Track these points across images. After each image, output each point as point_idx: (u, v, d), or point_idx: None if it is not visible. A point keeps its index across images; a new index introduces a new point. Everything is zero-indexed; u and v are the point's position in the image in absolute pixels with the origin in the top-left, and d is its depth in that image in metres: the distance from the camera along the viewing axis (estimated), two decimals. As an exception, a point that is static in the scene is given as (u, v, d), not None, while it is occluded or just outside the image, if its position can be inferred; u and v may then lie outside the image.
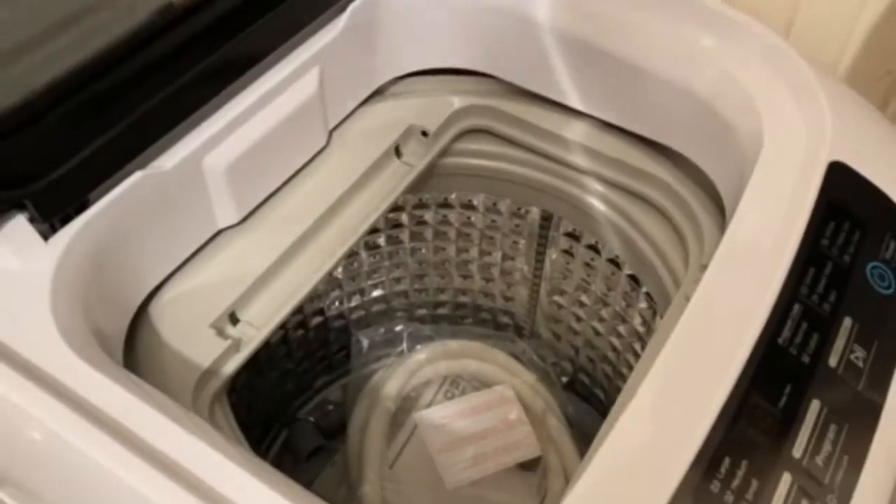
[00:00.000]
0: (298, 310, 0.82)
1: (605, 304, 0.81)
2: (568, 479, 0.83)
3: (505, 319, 0.95)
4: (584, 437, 0.88)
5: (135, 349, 0.54)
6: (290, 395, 0.94)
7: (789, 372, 0.44)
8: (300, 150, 0.63)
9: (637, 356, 0.80)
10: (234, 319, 0.57)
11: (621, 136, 0.67)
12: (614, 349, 0.84)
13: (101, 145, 0.47)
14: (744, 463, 0.40)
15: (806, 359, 0.45)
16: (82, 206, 0.48)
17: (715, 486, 0.39)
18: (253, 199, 0.60)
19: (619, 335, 0.82)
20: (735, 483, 0.39)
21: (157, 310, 0.56)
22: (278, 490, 0.39)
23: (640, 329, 0.76)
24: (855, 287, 0.48)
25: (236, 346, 0.56)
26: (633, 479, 0.40)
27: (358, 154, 0.66)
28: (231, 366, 0.55)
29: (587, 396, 0.94)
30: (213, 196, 0.56)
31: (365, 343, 0.95)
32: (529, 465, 0.84)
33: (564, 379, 0.92)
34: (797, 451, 0.41)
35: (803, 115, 0.56)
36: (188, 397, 0.52)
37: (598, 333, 0.85)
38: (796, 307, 0.46)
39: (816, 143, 0.54)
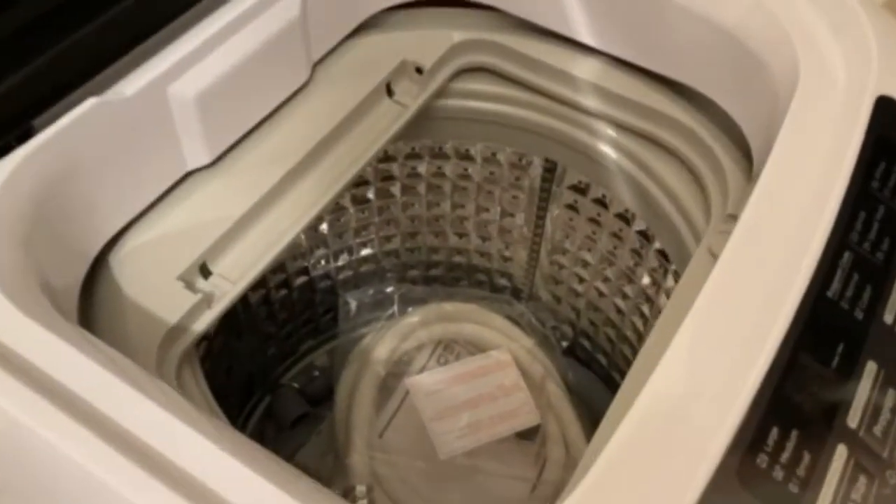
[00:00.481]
0: (281, 268, 0.77)
1: (611, 264, 0.75)
2: (568, 448, 0.78)
3: (502, 281, 0.89)
4: (585, 403, 0.83)
5: (91, 305, 0.48)
6: (272, 359, 0.88)
7: (841, 329, 0.38)
8: (279, 84, 0.56)
9: (644, 318, 0.74)
10: (205, 272, 0.51)
11: (636, 75, 0.61)
12: (619, 311, 0.78)
13: (47, 61, 0.40)
14: (794, 433, 0.35)
15: (859, 314, 0.39)
16: (25, 134, 0.41)
17: (762, 461, 0.33)
18: (226, 138, 0.54)
19: (624, 296, 0.76)
20: (784, 457, 0.34)
21: (117, 260, 0.49)
22: (255, 466, 0.33)
23: (650, 290, 0.71)
24: (912, 234, 0.43)
25: (207, 301, 0.49)
26: (666, 455, 0.34)
27: (344, 91, 0.59)
28: (202, 323, 0.49)
29: (588, 361, 0.88)
30: (181, 131, 0.50)
31: (353, 305, 0.88)
32: (527, 434, 0.79)
33: (564, 343, 0.86)
34: (852, 421, 0.36)
35: (845, 47, 0.50)
36: (152, 358, 0.46)
37: (601, 295, 0.80)
38: (846, 255, 0.40)
39: (861, 77, 0.48)
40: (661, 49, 0.58)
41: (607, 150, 0.63)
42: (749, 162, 0.55)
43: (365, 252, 0.84)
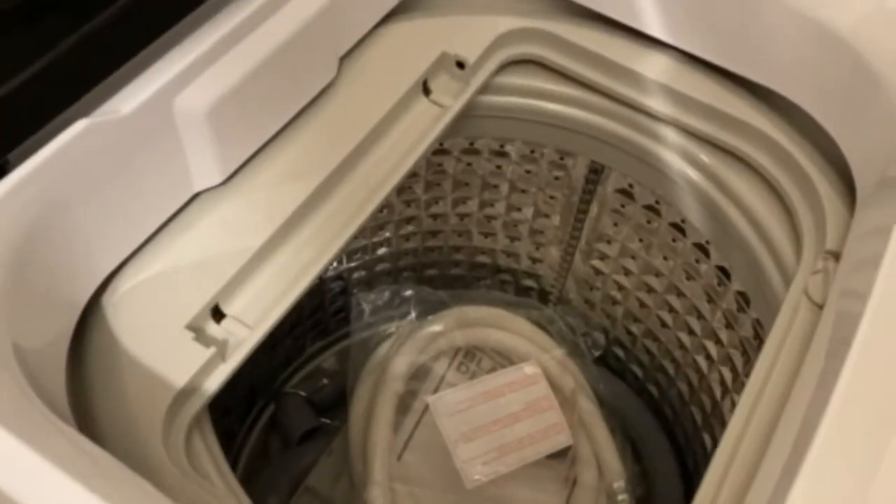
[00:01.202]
0: None
1: (658, 275, 0.68)
2: (601, 470, 0.71)
3: (529, 283, 0.82)
4: (615, 415, 0.76)
5: (85, 358, 0.40)
6: (277, 364, 0.81)
7: None
8: (301, 85, 0.47)
9: (692, 333, 0.68)
10: (217, 315, 0.43)
11: (714, 76, 0.52)
12: (664, 324, 0.71)
13: (20, 84, 0.31)
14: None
15: None
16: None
17: None
18: (240, 153, 0.45)
19: (671, 309, 0.69)
20: None
21: (112, 304, 0.41)
22: None
23: (705, 306, 0.64)
24: None
25: (221, 353, 0.42)
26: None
27: (375, 91, 0.51)
28: (215, 381, 0.41)
29: (621, 372, 0.82)
30: (189, 149, 0.41)
31: (366, 307, 0.81)
32: (556, 453, 0.73)
33: (596, 353, 0.79)
34: None
35: None
36: (158, 428, 0.38)
37: (643, 305, 0.73)
38: None
39: None
40: (749, 49, 0.50)
41: (674, 159, 0.55)
42: (847, 189, 0.48)
43: (381, 251, 0.76)
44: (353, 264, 0.75)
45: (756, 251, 0.52)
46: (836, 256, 0.45)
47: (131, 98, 0.37)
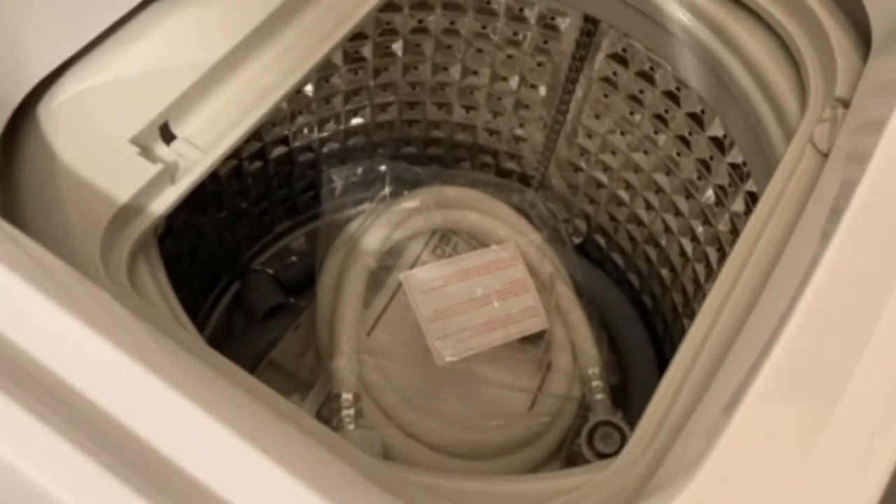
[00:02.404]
0: (256, 135, 0.64)
1: (647, 152, 0.65)
2: (575, 356, 0.69)
3: (510, 165, 0.78)
4: (594, 305, 0.74)
5: (15, 171, 0.36)
6: (243, 240, 0.77)
7: None
8: None
9: (679, 214, 0.64)
10: (167, 135, 0.39)
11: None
12: (649, 206, 0.68)
13: None
14: None
15: None
16: None
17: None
18: (198, -45, 0.40)
19: (658, 189, 0.66)
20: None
21: (49, 112, 0.37)
22: (223, 415, 0.23)
23: (697, 182, 0.60)
24: None
25: (170, 173, 0.38)
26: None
27: None
28: (162, 202, 0.37)
29: (601, 260, 0.79)
30: (135, -60, 0.37)
31: (338, 183, 0.77)
32: (531, 338, 0.70)
33: (577, 240, 0.76)
34: None
35: None
36: (96, 247, 0.35)
37: (629, 187, 0.69)
38: None
39: None
40: None
41: (671, 5, 0.51)
42: (862, 38, 0.44)
43: (355, 122, 0.72)
44: (324, 134, 0.71)
45: (758, 108, 0.48)
46: (846, 104, 0.42)
47: None
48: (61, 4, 0.35)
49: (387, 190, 0.74)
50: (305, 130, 0.69)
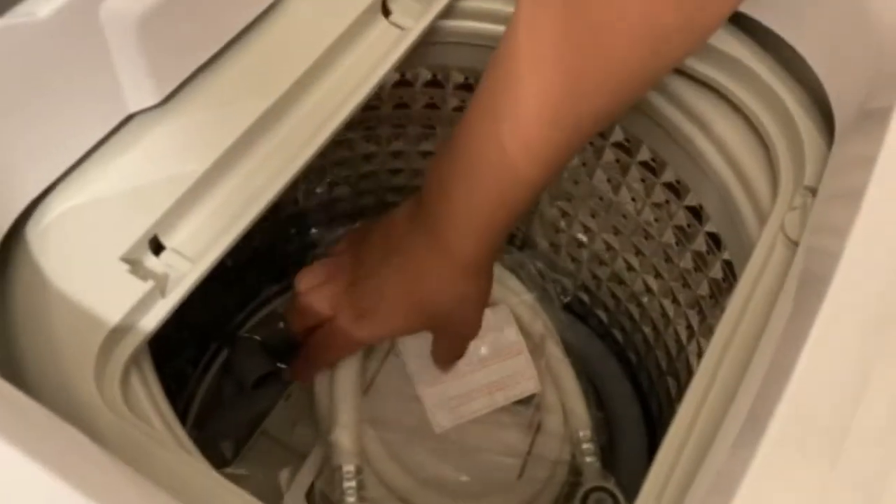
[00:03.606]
0: None
1: (627, 216, 0.66)
2: (566, 417, 0.70)
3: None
4: (579, 361, 0.75)
5: (5, 293, 0.37)
6: (230, 305, 0.77)
7: None
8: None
9: (659, 276, 0.66)
10: (156, 247, 0.40)
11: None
12: (630, 267, 0.69)
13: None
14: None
15: None
16: None
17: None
18: (180, 70, 0.41)
19: (638, 252, 0.67)
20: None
21: (38, 233, 0.38)
22: None
23: (674, 248, 0.62)
24: None
25: (161, 287, 0.38)
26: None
27: (328, 11, 0.47)
28: (153, 317, 0.38)
29: (584, 316, 0.80)
30: (120, 63, 0.37)
31: (325, 243, 0.78)
32: (522, 399, 0.71)
33: (565, 299, 0.77)
34: None
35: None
36: (90, 369, 0.35)
37: (609, 248, 0.70)
38: None
39: None
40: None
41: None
42: (828, 126, 0.45)
43: (339, 191, 0.73)
44: (311, 202, 0.72)
45: (731, 189, 0.50)
46: (815, 192, 0.43)
47: (49, 0, 0.33)
48: (45, 128, 0.36)
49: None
50: (291, 202, 0.70)
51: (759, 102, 0.48)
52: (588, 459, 0.66)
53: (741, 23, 0.49)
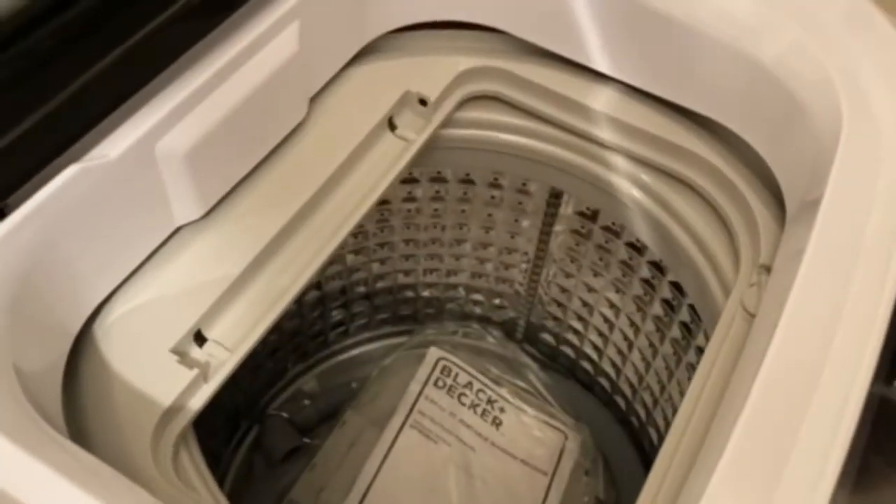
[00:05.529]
0: None
1: (618, 290, 0.72)
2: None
3: (497, 301, 0.85)
4: (588, 424, 0.80)
5: (78, 381, 0.43)
6: (260, 387, 0.84)
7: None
8: (275, 125, 0.51)
9: (652, 346, 0.72)
10: (199, 339, 0.47)
11: (657, 107, 0.57)
12: (626, 338, 0.75)
13: (19, 135, 0.35)
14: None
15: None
16: (-2, 215, 0.36)
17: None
18: (218, 189, 0.49)
19: (632, 323, 0.73)
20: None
21: (103, 331, 0.45)
22: None
23: (665, 318, 0.68)
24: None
25: (204, 374, 0.45)
26: None
27: (343, 128, 0.55)
28: (198, 400, 0.45)
29: (589, 384, 0.85)
30: (170, 188, 0.45)
31: (343, 328, 0.85)
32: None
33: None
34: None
35: (892, 88, 0.46)
36: (147, 444, 0.42)
37: (606, 320, 0.77)
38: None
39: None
40: (686, 81, 0.54)
41: (623, 183, 0.60)
42: (779, 205, 0.52)
43: (357, 276, 0.80)
44: (329, 290, 0.79)
45: (701, 268, 0.56)
46: (769, 270, 0.49)
47: (117, 144, 0.40)
48: (109, 245, 0.43)
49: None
50: (313, 290, 0.77)
51: (721, 192, 0.55)
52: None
53: (703, 124, 0.56)
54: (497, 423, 0.80)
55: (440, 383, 0.81)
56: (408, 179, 0.69)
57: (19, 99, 0.35)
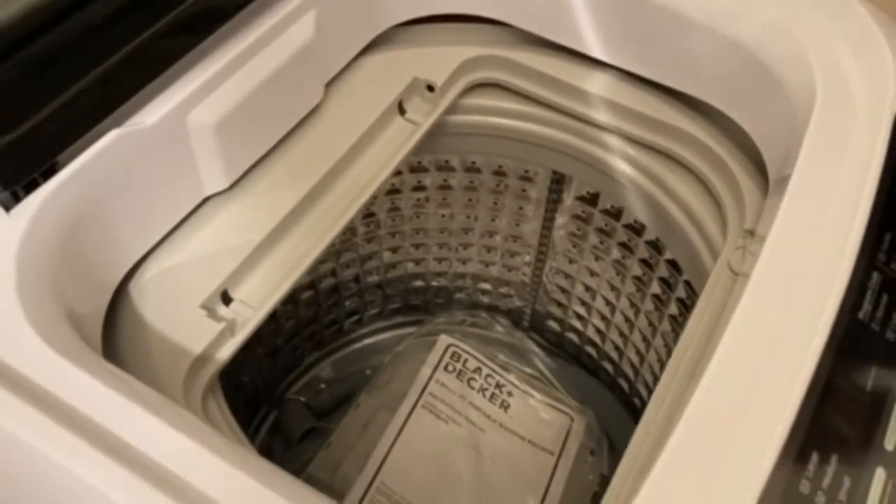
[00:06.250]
0: (289, 296, 0.76)
1: (619, 273, 0.76)
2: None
3: (503, 290, 0.89)
4: (593, 407, 0.83)
5: (115, 334, 0.48)
6: (278, 373, 0.88)
7: (874, 351, 0.39)
8: (294, 106, 0.56)
9: (653, 326, 0.75)
10: (226, 299, 0.51)
11: (649, 90, 0.61)
12: (627, 320, 0.79)
13: (70, 99, 0.40)
14: (833, 458, 0.35)
15: (891, 336, 0.39)
16: (50, 171, 0.41)
17: (805, 486, 0.34)
18: (243, 162, 0.53)
19: (632, 304, 0.77)
20: (826, 482, 0.34)
21: (138, 289, 0.49)
22: (284, 492, 0.33)
23: (662, 298, 0.71)
24: (936, 254, 0.43)
25: (230, 329, 0.49)
26: (710, 480, 0.34)
27: (356, 111, 0.59)
28: (226, 351, 0.49)
29: (594, 370, 0.89)
30: (200, 158, 0.49)
31: (357, 317, 0.89)
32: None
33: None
34: (889, 443, 0.36)
35: (862, 64, 0.50)
36: (179, 388, 0.46)
37: (608, 303, 0.80)
38: (875, 277, 0.41)
39: (880, 93, 0.49)
40: (675, 64, 0.58)
41: (620, 163, 0.64)
42: (764, 176, 0.56)
43: (370, 264, 0.84)
44: (344, 277, 0.83)
45: (694, 242, 0.60)
46: (753, 234, 0.53)
47: (153, 113, 0.45)
48: (145, 208, 0.48)
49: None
50: (329, 277, 0.81)
51: (709, 167, 0.59)
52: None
53: (692, 104, 0.60)
54: (505, 406, 0.83)
55: (450, 368, 0.84)
56: (416, 168, 0.74)
57: (70, 67, 0.40)
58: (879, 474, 0.35)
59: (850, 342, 0.38)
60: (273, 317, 0.77)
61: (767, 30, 0.52)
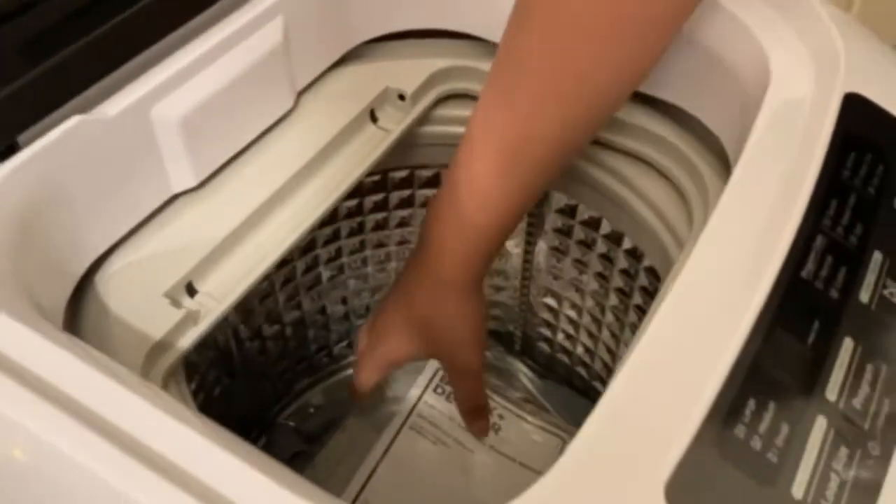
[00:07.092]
0: (275, 317, 0.77)
1: (601, 286, 0.76)
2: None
3: (494, 313, 0.89)
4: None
5: (77, 324, 0.48)
6: (269, 399, 0.88)
7: (817, 307, 0.38)
8: (264, 109, 0.58)
9: (622, 324, 0.74)
10: (191, 290, 0.51)
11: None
12: (614, 335, 0.78)
13: (32, 79, 0.42)
14: (771, 405, 0.34)
15: (834, 294, 0.39)
16: (10, 149, 0.42)
17: (740, 431, 0.33)
18: (211, 161, 0.55)
19: (617, 318, 0.76)
20: (762, 427, 0.34)
21: (103, 280, 0.50)
22: (250, 460, 0.33)
23: (644, 307, 0.71)
24: (884, 220, 0.43)
25: (194, 318, 0.50)
26: (644, 428, 0.34)
27: (328, 118, 0.61)
28: (188, 339, 0.49)
29: (584, 390, 0.88)
30: (166, 154, 0.51)
31: (346, 342, 0.89)
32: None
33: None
34: (831, 394, 0.36)
35: (813, 51, 0.51)
36: (137, 371, 0.46)
37: (594, 319, 0.80)
38: (819, 239, 0.41)
39: (829, 77, 0.49)
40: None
41: (587, 166, 0.64)
42: (727, 168, 0.56)
43: (359, 302, 0.84)
44: (333, 303, 0.83)
45: (661, 237, 0.60)
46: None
47: (116, 104, 0.47)
48: (110, 201, 0.49)
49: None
50: (316, 300, 0.82)
51: (677, 166, 0.59)
52: None
53: (660, 107, 0.61)
54: (496, 428, 0.82)
55: (439, 390, 0.84)
56: (400, 185, 0.75)
57: (36, 46, 0.42)
58: (820, 422, 0.34)
59: (793, 297, 0.38)
60: (262, 341, 0.78)
61: (725, 27, 0.54)
